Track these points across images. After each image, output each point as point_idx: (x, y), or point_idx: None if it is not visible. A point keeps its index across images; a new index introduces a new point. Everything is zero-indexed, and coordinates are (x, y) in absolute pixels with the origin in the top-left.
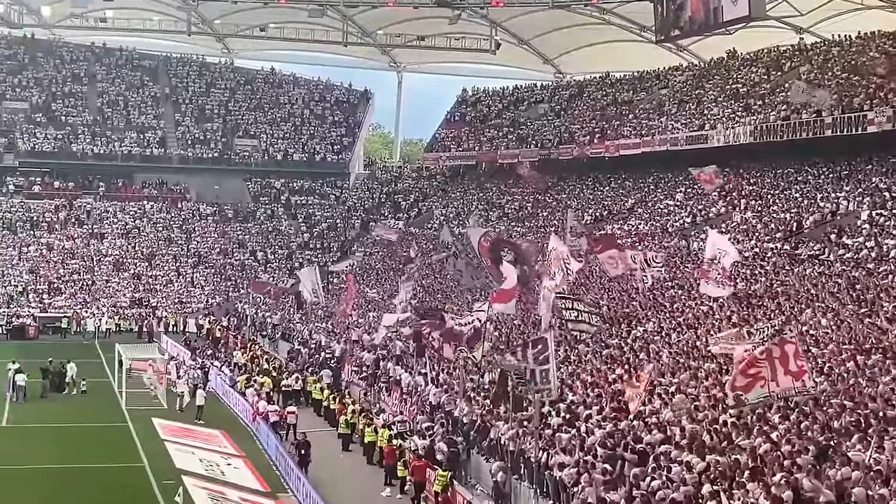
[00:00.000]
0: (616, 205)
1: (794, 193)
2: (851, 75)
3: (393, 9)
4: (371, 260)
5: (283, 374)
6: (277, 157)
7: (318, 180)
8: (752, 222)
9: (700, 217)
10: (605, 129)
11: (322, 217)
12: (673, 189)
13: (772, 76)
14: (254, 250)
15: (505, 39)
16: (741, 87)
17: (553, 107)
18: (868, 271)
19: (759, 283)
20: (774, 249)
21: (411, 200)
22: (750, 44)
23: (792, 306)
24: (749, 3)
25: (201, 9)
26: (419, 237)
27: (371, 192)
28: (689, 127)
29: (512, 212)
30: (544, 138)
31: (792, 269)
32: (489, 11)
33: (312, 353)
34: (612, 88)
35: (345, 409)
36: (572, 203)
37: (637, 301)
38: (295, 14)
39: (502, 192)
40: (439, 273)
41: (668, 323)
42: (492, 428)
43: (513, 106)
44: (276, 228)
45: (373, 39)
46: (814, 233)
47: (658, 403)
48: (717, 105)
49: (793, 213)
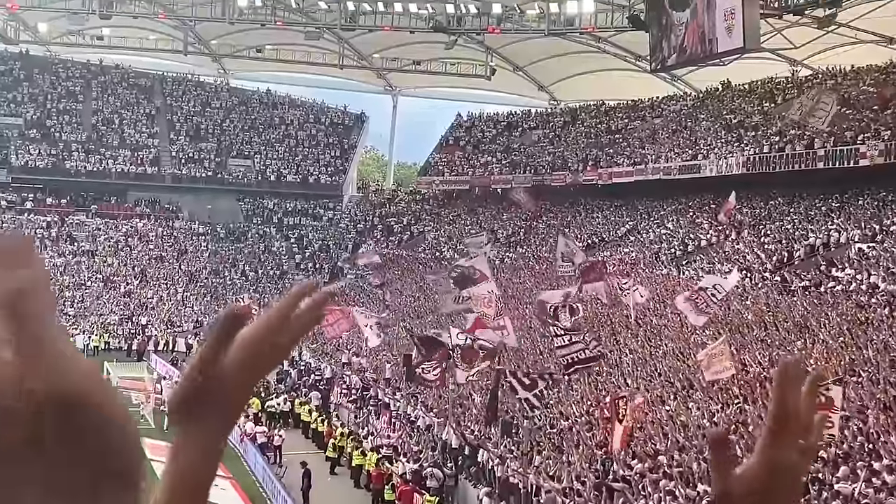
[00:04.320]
0: (608, 232)
1: (786, 224)
2: (844, 108)
3: (389, 33)
4: (362, 282)
5: (272, 395)
6: (271, 177)
7: (312, 202)
8: (743, 252)
9: (692, 246)
10: (599, 156)
11: (314, 238)
12: (665, 218)
13: (765, 107)
14: (245, 270)
15: (500, 65)
16: (734, 117)
17: (547, 133)
18: (858, 304)
19: (751, 313)
20: (765, 280)
21: (404, 223)
22: (744, 75)
23: (783, 337)
24: (744, 35)
25: (198, 29)
26: (409, 259)
27: (364, 214)
28: (682, 156)
29: (504, 237)
30: (538, 164)
31: (783, 299)
32: (485, 38)
33: (302, 375)
34: (605, 116)
35: (333, 431)
36: (565, 230)
37: (628, 329)
38: (292, 36)
39: (495, 217)
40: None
41: (657, 351)
42: (480, 452)
43: (507, 131)
44: (268, 249)
45: (369, 63)
46: (804, 264)
47: (648, 431)
48: (711, 135)
49: (784, 244)
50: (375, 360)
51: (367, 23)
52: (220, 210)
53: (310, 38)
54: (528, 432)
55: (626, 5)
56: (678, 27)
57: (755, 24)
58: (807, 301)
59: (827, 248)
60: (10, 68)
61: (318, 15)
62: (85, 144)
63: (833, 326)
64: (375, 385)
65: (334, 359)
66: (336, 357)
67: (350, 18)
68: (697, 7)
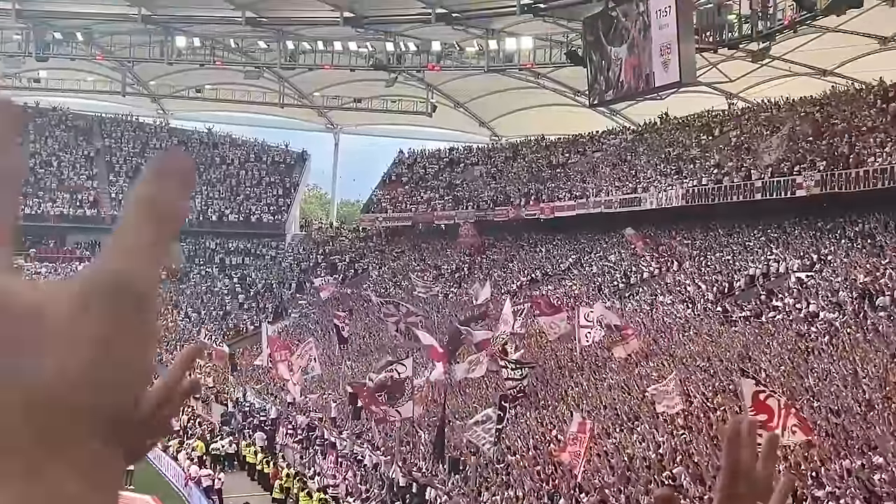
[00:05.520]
0: (552, 266)
1: (726, 255)
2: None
3: (330, 71)
4: (306, 321)
5: (217, 437)
6: (213, 217)
7: (254, 241)
8: (684, 283)
9: (634, 278)
10: (541, 191)
11: (258, 278)
12: (607, 251)
13: (703, 140)
14: (188, 311)
15: (441, 102)
16: (673, 150)
17: (489, 168)
18: (799, 333)
19: (694, 344)
20: (707, 310)
21: (347, 261)
22: (682, 108)
23: (726, 367)
24: (680, 69)
25: (136, 69)
26: (354, 297)
27: (307, 252)
28: (623, 189)
29: (448, 272)
30: (480, 199)
31: (725, 329)
32: (425, 75)
33: (246, 416)
34: (546, 151)
35: (279, 472)
36: (510, 264)
37: (573, 361)
38: (231, 75)
39: (438, 252)
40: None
41: (604, 383)
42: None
43: (449, 167)
44: (211, 289)
45: (310, 101)
46: (745, 294)
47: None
48: (650, 168)
49: (724, 275)
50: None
51: (307, 61)
52: None
53: (249, 77)
54: (475, 468)
55: (563, 41)
56: (615, 62)
57: (691, 59)
58: (748, 331)
59: (767, 277)
60: None
61: (258, 54)
62: (23, 188)
63: (775, 356)
64: (321, 424)
65: (279, 398)
66: (281, 396)
67: (290, 57)
68: (634, 42)
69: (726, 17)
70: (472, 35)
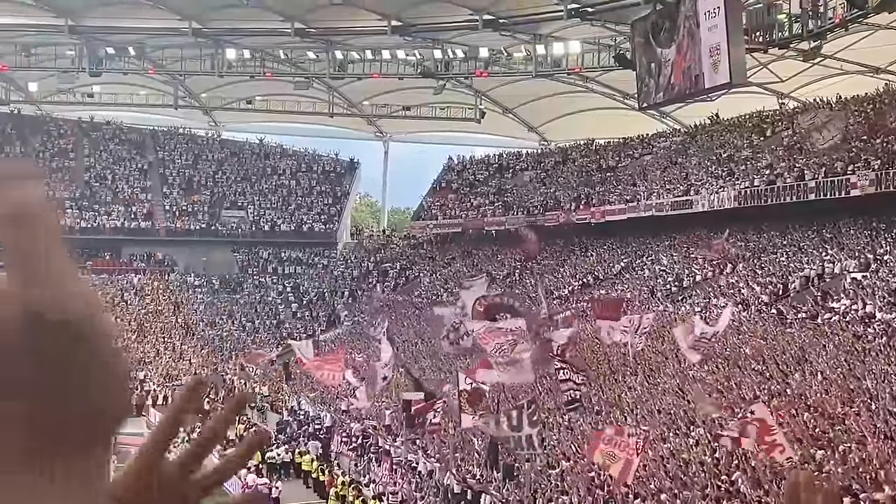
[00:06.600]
0: (603, 271)
1: (780, 257)
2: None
3: (378, 80)
4: (359, 328)
5: (272, 445)
6: (265, 227)
7: (306, 250)
8: (738, 286)
9: (687, 281)
10: (591, 195)
11: (310, 287)
12: (659, 254)
13: (755, 141)
14: (242, 321)
15: (489, 108)
16: (724, 151)
17: (538, 174)
18: (855, 334)
19: (748, 347)
20: (761, 313)
21: (399, 268)
22: (732, 109)
23: (782, 370)
24: (730, 70)
25: (188, 82)
26: (405, 304)
27: (359, 260)
28: (674, 192)
29: (500, 278)
30: (530, 205)
31: (780, 331)
32: (473, 81)
33: (301, 425)
34: (596, 155)
35: (334, 480)
36: (560, 269)
37: (626, 366)
38: (281, 86)
39: (489, 258)
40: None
41: (656, 388)
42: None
43: (498, 173)
44: (264, 299)
45: (359, 110)
46: (800, 296)
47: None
48: (701, 170)
49: (779, 277)
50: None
51: (356, 71)
52: (215, 262)
53: (299, 88)
54: (529, 475)
55: (612, 45)
56: (664, 64)
57: (741, 60)
58: (804, 333)
59: (822, 279)
60: (2, 128)
61: (307, 65)
62: (78, 201)
63: (831, 357)
64: (375, 432)
65: (333, 406)
66: (335, 405)
67: (339, 67)
68: (683, 44)
69: (776, 17)
70: (519, 40)
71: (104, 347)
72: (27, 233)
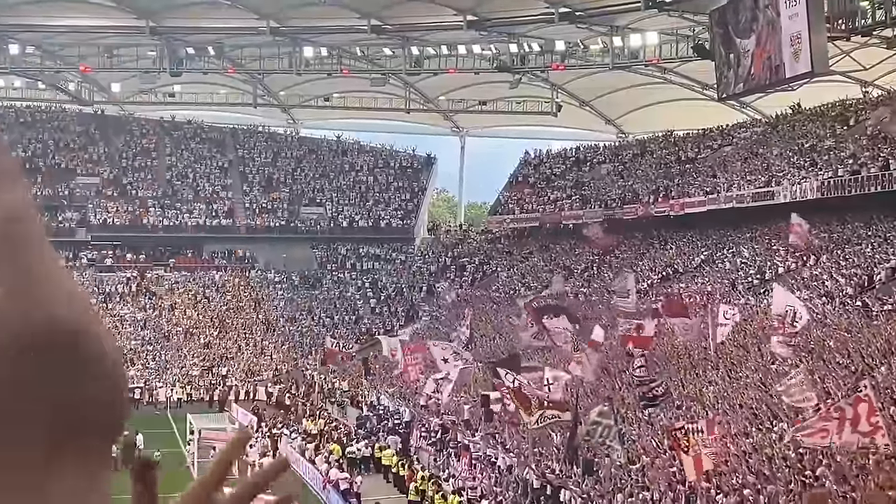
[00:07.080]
0: (683, 263)
1: (865, 248)
2: None
3: (454, 75)
4: (437, 323)
5: (353, 440)
6: (343, 223)
7: (384, 246)
8: (822, 278)
9: (769, 274)
10: (670, 187)
11: (388, 282)
12: (740, 246)
13: (838, 130)
14: (321, 317)
15: (566, 101)
16: (806, 141)
17: (616, 166)
18: None
19: (832, 340)
20: (846, 305)
21: (476, 263)
22: (814, 98)
23: (867, 362)
24: (811, 59)
25: (266, 81)
26: (482, 298)
27: (436, 255)
28: (755, 183)
29: (578, 271)
30: (608, 198)
31: (866, 324)
32: (549, 75)
33: (381, 420)
34: (675, 146)
35: (414, 475)
36: (640, 262)
37: (707, 361)
38: (358, 83)
39: (567, 252)
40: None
41: (738, 382)
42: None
43: (575, 167)
44: (343, 294)
45: (435, 105)
46: (886, 288)
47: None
48: (783, 161)
49: (864, 268)
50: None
51: (432, 66)
52: (295, 258)
53: (376, 85)
54: (609, 470)
55: (690, 35)
56: (744, 54)
57: (822, 48)
58: (890, 326)
59: None
60: (87, 129)
61: (383, 61)
62: (160, 200)
63: None
64: (454, 427)
65: (412, 401)
66: (414, 400)
67: (415, 63)
68: (763, 33)
69: (859, 4)
70: (595, 33)
71: (97, 350)
72: (20, 233)
